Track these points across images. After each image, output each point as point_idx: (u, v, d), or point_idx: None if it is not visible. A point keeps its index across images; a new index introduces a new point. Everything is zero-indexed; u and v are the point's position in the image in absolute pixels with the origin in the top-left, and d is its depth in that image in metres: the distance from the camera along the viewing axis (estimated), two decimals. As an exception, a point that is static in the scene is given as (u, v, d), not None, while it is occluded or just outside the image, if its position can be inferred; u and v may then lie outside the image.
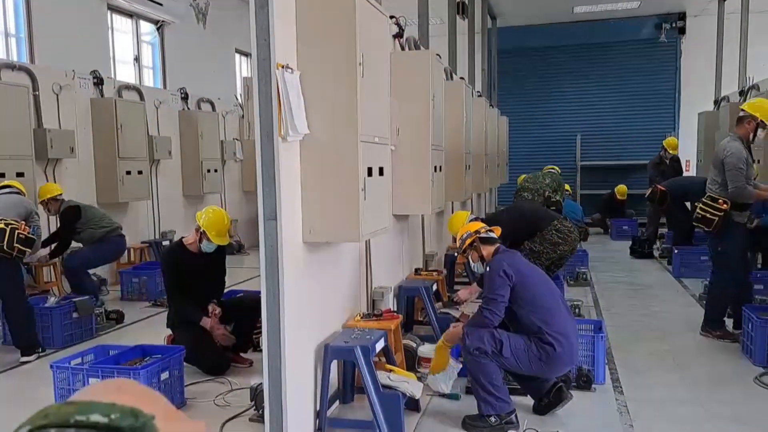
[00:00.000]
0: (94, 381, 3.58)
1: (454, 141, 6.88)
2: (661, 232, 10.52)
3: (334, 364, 3.79)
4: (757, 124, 5.17)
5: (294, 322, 3.19)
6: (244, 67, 12.91)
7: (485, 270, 3.89)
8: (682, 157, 11.82)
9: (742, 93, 9.72)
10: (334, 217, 3.42)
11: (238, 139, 11.42)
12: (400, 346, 4.43)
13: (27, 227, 5.15)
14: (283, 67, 3.08)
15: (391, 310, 4.63)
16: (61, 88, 7.39)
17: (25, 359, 5.17)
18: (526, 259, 4.26)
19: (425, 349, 4.55)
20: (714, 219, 5.19)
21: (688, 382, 4.53)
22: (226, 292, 5.36)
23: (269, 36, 2.95)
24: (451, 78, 7.72)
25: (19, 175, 6.50)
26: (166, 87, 10.28)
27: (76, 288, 6.35)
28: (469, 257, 4.17)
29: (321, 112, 3.37)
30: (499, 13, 13.91)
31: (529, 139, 14.90)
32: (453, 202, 7.87)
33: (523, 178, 9.20)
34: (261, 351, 3.30)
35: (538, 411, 3.88)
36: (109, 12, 9.23)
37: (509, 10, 13.65)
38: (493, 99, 13.12)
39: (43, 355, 5.27)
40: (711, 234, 5.35)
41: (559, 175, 9.51)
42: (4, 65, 6.77)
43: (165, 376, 3.99)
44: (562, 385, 3.84)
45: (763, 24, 11.96)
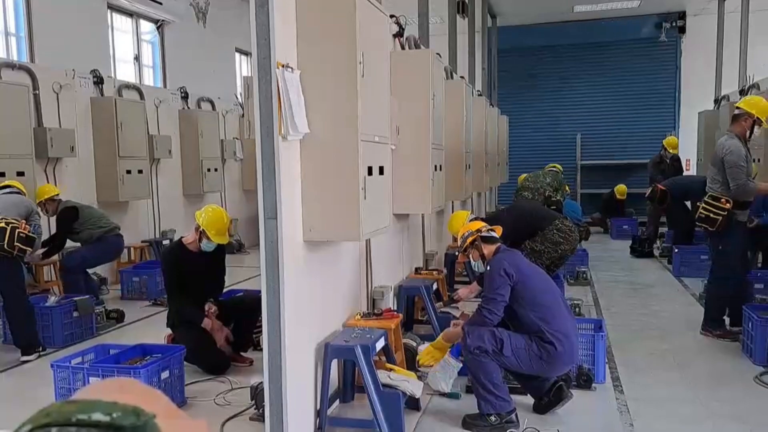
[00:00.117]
0: (94, 380, 3.58)
1: (454, 140, 6.88)
2: (661, 231, 10.52)
3: (335, 363, 3.79)
4: (753, 122, 5.18)
5: (294, 321, 3.19)
6: (244, 66, 12.90)
7: (486, 269, 3.90)
8: (682, 157, 11.83)
9: (742, 92, 9.69)
10: (334, 216, 3.42)
11: (238, 138, 11.43)
12: (400, 345, 4.43)
13: (27, 226, 5.15)
14: (283, 66, 3.08)
15: (392, 309, 4.63)
16: (61, 87, 7.39)
17: (25, 358, 5.17)
18: (526, 258, 4.27)
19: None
20: (718, 218, 5.18)
21: (689, 381, 4.53)
22: (226, 291, 5.36)
23: (269, 35, 2.95)
24: (451, 77, 7.72)
25: (20, 174, 6.51)
26: (166, 86, 10.28)
27: (71, 288, 6.33)
28: (470, 256, 4.17)
29: (321, 111, 3.36)
30: (499, 12, 13.91)
31: (529, 138, 14.89)
32: (453, 202, 7.87)
33: (524, 177, 9.20)
34: (261, 350, 3.31)
35: (538, 410, 3.88)
36: (109, 11, 9.22)
37: (509, 9, 13.65)
38: (493, 98, 13.11)
39: (43, 354, 5.27)
40: (713, 233, 5.35)
41: (560, 174, 9.48)
42: (4, 64, 6.77)
43: (165, 375, 4.00)
44: (562, 384, 3.85)
45: (763, 23, 11.95)
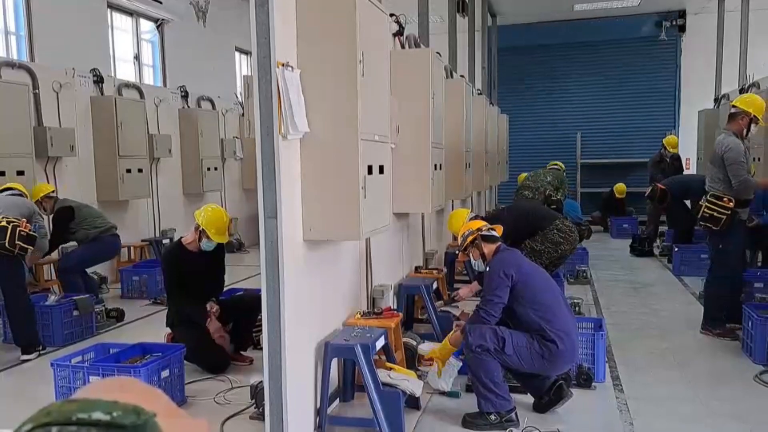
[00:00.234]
0: (94, 379, 3.59)
1: (454, 139, 6.88)
2: (661, 230, 10.52)
3: (335, 362, 3.79)
4: (750, 120, 5.18)
5: (294, 320, 3.19)
6: (244, 65, 12.90)
7: (486, 269, 3.90)
8: (682, 155, 11.83)
9: (742, 91, 9.67)
10: (334, 215, 3.42)
11: (238, 138, 11.42)
12: (400, 344, 4.43)
13: (29, 225, 5.15)
14: (283, 65, 3.08)
15: (392, 308, 4.63)
16: (61, 87, 7.39)
17: (25, 357, 5.17)
18: (526, 257, 4.28)
19: (425, 347, 4.54)
20: (722, 218, 5.17)
21: (688, 379, 4.53)
22: (226, 290, 5.36)
23: (269, 34, 2.95)
24: (451, 76, 7.72)
25: (20, 173, 6.50)
26: (166, 85, 10.28)
27: (70, 288, 6.31)
28: (470, 255, 4.17)
29: (321, 111, 3.36)
30: (499, 11, 13.90)
31: (529, 137, 14.88)
32: (453, 201, 7.87)
33: (525, 176, 9.19)
34: (261, 349, 3.31)
35: (538, 409, 3.88)
36: (109, 10, 9.22)
37: (509, 8, 13.64)
38: (493, 97, 13.10)
39: (43, 353, 5.27)
40: (715, 232, 5.33)
41: (562, 173, 9.44)
42: (4, 63, 6.77)
43: (165, 374, 4.00)
44: (562, 383, 3.85)
45: (763, 22, 11.94)
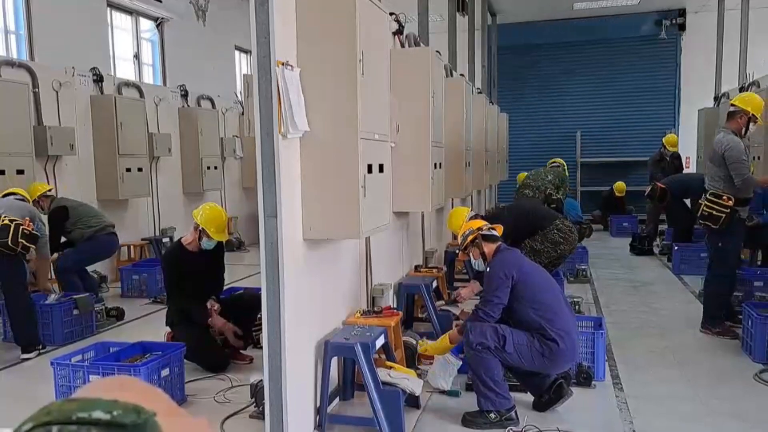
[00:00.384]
0: (94, 378, 3.60)
1: (454, 138, 6.88)
2: (661, 229, 10.53)
3: (335, 361, 3.79)
4: (748, 119, 5.19)
5: (294, 318, 3.19)
6: (243, 65, 12.89)
7: (486, 269, 3.90)
8: (682, 154, 11.82)
9: (742, 89, 9.66)
10: (334, 214, 3.43)
11: (238, 137, 11.42)
12: (400, 343, 4.43)
13: (31, 224, 5.15)
14: (283, 64, 3.08)
15: (391, 307, 4.64)
16: (60, 85, 7.39)
17: (25, 356, 5.18)
18: (526, 257, 4.28)
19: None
20: (721, 216, 5.18)
21: (688, 378, 4.53)
22: (225, 289, 5.37)
23: (269, 33, 2.95)
24: (451, 75, 7.71)
25: (19, 172, 6.51)
26: (165, 84, 10.27)
27: (69, 288, 6.30)
28: (471, 254, 4.17)
29: (321, 110, 3.36)
30: (498, 10, 13.89)
31: (529, 135, 14.87)
32: (453, 199, 7.87)
33: (525, 175, 9.17)
34: (261, 348, 3.31)
35: (538, 407, 3.89)
36: (108, 9, 9.21)
37: (509, 6, 13.63)
38: (493, 96, 13.10)
39: (43, 352, 5.27)
40: (714, 231, 5.33)
41: (563, 171, 9.42)
42: (3, 62, 6.76)
43: (165, 373, 4.00)
44: (562, 381, 3.85)
45: (763, 20, 11.93)
